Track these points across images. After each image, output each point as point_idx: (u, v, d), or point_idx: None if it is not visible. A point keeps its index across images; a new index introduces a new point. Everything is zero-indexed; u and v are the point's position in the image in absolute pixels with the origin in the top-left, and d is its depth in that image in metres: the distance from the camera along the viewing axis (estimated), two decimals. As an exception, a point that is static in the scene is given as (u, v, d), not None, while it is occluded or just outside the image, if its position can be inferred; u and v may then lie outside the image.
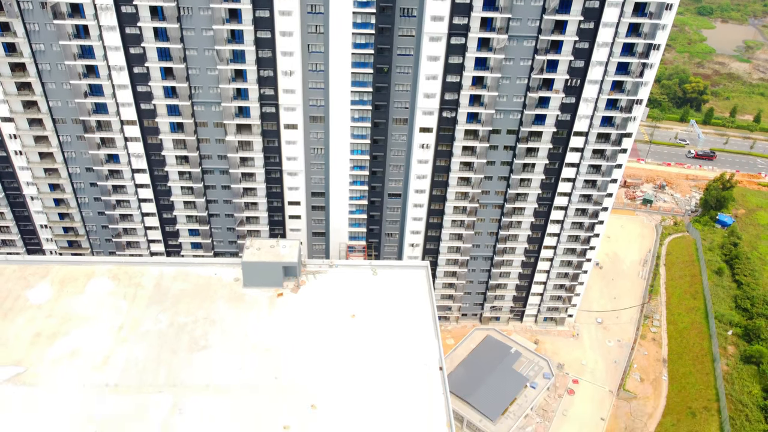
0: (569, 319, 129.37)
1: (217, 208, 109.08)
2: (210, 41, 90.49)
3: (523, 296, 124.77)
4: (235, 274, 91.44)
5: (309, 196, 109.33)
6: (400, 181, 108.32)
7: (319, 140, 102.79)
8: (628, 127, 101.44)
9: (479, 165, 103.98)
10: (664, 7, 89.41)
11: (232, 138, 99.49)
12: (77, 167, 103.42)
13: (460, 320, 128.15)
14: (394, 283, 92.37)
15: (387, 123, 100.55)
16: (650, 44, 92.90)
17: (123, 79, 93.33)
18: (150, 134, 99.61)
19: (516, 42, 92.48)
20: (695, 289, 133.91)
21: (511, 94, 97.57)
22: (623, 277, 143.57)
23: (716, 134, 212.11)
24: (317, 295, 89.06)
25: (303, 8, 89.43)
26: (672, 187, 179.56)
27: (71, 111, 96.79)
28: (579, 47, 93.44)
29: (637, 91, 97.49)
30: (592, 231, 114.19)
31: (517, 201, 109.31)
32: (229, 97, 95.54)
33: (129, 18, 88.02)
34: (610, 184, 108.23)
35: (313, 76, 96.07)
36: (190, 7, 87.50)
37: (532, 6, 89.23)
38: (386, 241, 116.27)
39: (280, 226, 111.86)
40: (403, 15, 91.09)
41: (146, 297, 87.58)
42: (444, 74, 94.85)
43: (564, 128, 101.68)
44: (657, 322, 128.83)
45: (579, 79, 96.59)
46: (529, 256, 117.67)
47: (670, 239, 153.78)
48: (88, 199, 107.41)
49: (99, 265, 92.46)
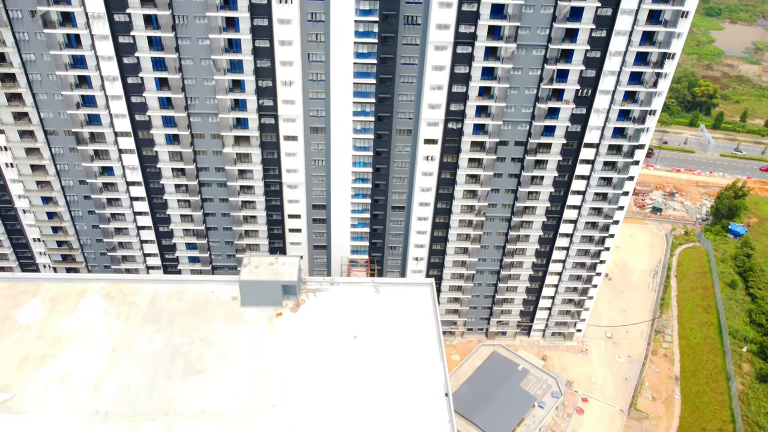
0: (578, 333, 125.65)
1: (215, 222, 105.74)
2: (206, 51, 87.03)
3: (530, 311, 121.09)
4: (233, 292, 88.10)
5: (310, 208, 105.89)
6: (404, 194, 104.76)
7: (320, 152, 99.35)
8: (640, 138, 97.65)
9: (486, 177, 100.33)
10: (680, 14, 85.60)
11: (229, 150, 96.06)
12: (70, 180, 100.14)
13: (465, 335, 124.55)
14: (398, 301, 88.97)
15: (390, 134, 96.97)
16: (665, 53, 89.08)
17: (116, 89, 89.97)
18: (145, 146, 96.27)
19: (525, 51, 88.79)
20: (708, 303, 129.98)
21: (520, 104, 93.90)
22: (633, 289, 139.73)
23: (726, 139, 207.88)
24: (317, 314, 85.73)
25: (303, 16, 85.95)
26: (682, 194, 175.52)
27: (63, 122, 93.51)
28: (590, 56, 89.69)
29: (651, 102, 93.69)
30: (602, 245, 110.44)
31: (525, 214, 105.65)
32: (227, 108, 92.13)
33: (122, 27, 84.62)
34: (621, 197, 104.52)
35: (313, 86, 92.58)
36: (186, 15, 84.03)
37: (542, 14, 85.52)
38: (389, 255, 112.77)
39: (280, 239, 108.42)
40: (407, 23, 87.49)
41: (140, 316, 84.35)
42: (449, 84, 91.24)
43: (574, 140, 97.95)
44: (668, 337, 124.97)
45: (590, 89, 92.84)
46: (537, 270, 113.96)
47: (681, 249, 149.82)
48: (81, 212, 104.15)
49: (92, 283, 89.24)
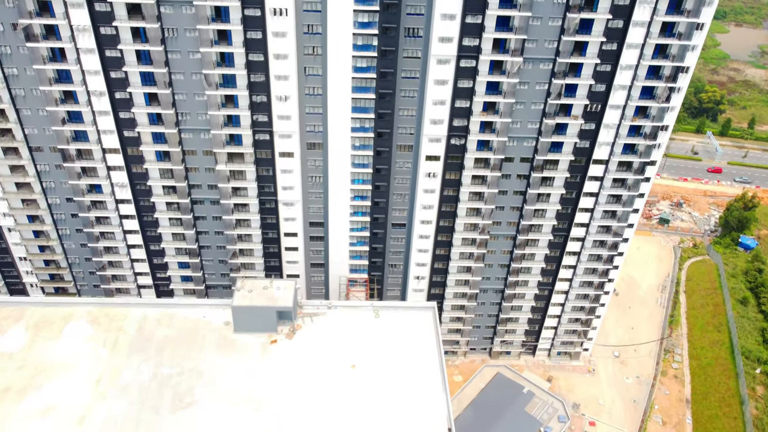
0: (584, 353, 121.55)
1: (208, 240, 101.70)
2: (197, 65, 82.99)
3: (535, 330, 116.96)
4: (226, 317, 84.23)
5: (307, 226, 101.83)
6: (405, 211, 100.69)
7: (317, 168, 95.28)
8: (652, 155, 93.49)
9: (490, 195, 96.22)
10: (695, 27, 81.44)
11: (222, 167, 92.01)
12: (57, 198, 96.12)
13: (468, 354, 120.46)
14: (398, 326, 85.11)
15: (390, 151, 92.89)
16: (678, 67, 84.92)
17: (104, 105, 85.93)
18: (134, 163, 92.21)
19: (531, 65, 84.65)
20: (719, 321, 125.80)
21: (526, 120, 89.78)
22: (641, 305, 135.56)
23: (734, 146, 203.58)
24: (314, 341, 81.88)
25: (299, 29, 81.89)
26: (690, 204, 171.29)
27: (48, 138, 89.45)
28: (600, 70, 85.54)
29: (663, 117, 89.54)
30: (611, 263, 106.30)
31: (531, 232, 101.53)
32: (219, 124, 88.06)
33: (109, 40, 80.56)
34: (631, 215, 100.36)
35: (310, 101, 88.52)
36: (175, 28, 79.97)
37: (550, 26, 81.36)
38: (390, 273, 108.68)
39: (276, 258, 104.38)
40: (408, 35, 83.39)
41: (127, 344, 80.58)
42: (452, 99, 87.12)
43: (582, 156, 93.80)
44: (678, 357, 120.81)
45: (600, 104, 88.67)
46: (542, 289, 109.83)
47: (690, 263, 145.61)
48: (69, 230, 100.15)
49: (78, 307, 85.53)
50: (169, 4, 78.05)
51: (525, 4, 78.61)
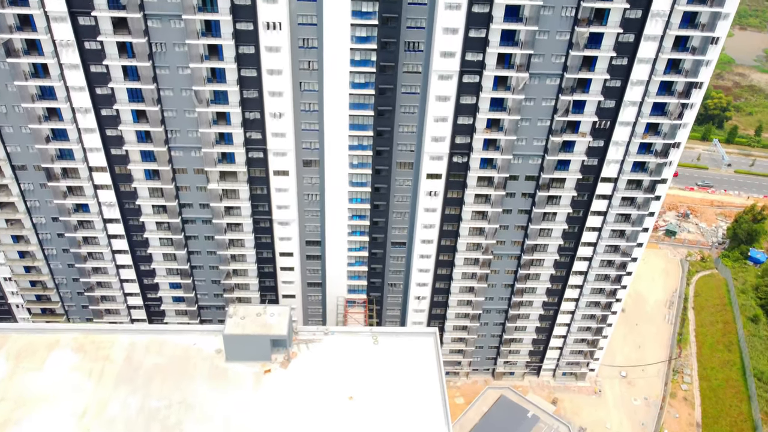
0: (590, 373, 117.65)
1: (201, 260, 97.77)
2: (187, 80, 79.05)
3: (540, 350, 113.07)
4: (218, 344, 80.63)
5: (303, 245, 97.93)
6: (405, 229, 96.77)
7: (313, 186, 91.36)
8: (663, 173, 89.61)
9: (494, 214, 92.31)
10: (710, 41, 77.53)
11: (214, 186, 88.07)
12: (42, 217, 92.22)
13: (470, 375, 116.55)
14: (398, 353, 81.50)
15: (390, 169, 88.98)
16: (692, 83, 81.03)
17: (89, 122, 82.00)
18: (122, 182, 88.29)
19: (538, 80, 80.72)
20: (729, 339, 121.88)
21: (531, 137, 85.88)
22: (648, 321, 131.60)
23: (741, 154, 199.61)
24: (310, 370, 78.22)
25: (293, 43, 77.97)
26: (697, 215, 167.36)
27: (32, 157, 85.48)
28: (610, 85, 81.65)
29: (675, 134, 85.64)
30: (618, 283, 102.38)
31: (536, 252, 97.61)
32: (211, 142, 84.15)
33: (93, 55, 76.62)
34: (641, 234, 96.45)
35: (306, 117, 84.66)
36: (163, 42, 76.04)
37: (557, 40, 77.42)
38: (389, 292, 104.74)
39: (271, 278, 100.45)
40: (409, 50, 79.47)
41: (114, 374, 76.93)
42: (455, 116, 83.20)
43: (590, 174, 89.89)
44: (688, 378, 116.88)
45: (609, 121, 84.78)
46: (548, 309, 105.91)
47: (698, 277, 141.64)
48: (56, 250, 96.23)
49: (63, 333, 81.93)
50: (156, 18, 74.12)
51: (531, 17, 74.70)
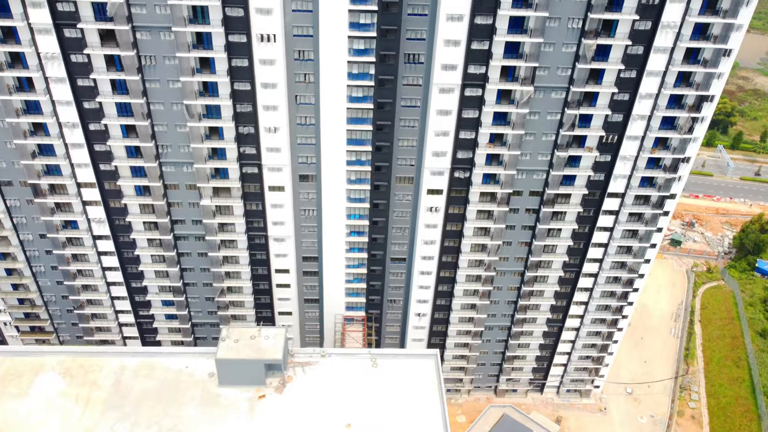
0: (595, 390, 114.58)
1: (194, 277, 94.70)
2: (178, 94, 76.00)
3: (543, 367, 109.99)
4: (210, 366, 77.34)
5: (300, 261, 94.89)
6: (405, 245, 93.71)
7: (310, 201, 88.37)
8: (672, 188, 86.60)
9: (497, 230, 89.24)
10: (722, 53, 74.48)
11: (207, 202, 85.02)
12: (29, 234, 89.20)
13: (472, 392, 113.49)
14: (397, 377, 78.29)
15: (389, 185, 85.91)
16: (703, 96, 77.97)
17: (77, 137, 78.96)
18: (112, 198, 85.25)
19: (543, 94, 77.67)
20: (737, 355, 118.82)
21: (536, 152, 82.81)
22: (653, 335, 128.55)
23: (746, 160, 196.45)
24: (306, 395, 75.03)
25: (289, 55, 74.93)
26: (702, 224, 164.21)
27: (18, 173, 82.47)
28: (617, 99, 78.59)
29: (685, 149, 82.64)
30: (625, 300, 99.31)
31: (540, 268, 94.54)
32: (203, 158, 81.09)
33: (80, 68, 73.56)
34: (648, 250, 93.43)
35: (302, 131, 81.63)
36: (153, 56, 72.97)
37: (563, 53, 74.34)
38: (389, 308, 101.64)
39: (267, 294, 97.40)
40: (408, 62, 76.40)
41: (102, 401, 73.72)
42: (456, 130, 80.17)
43: (596, 189, 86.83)
44: (695, 395, 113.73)
45: (616, 135, 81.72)
46: (552, 325, 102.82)
47: (704, 289, 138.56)
48: (44, 267, 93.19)
49: (49, 357, 78.71)
50: (145, 30, 71.06)
51: (537, 29, 71.62)
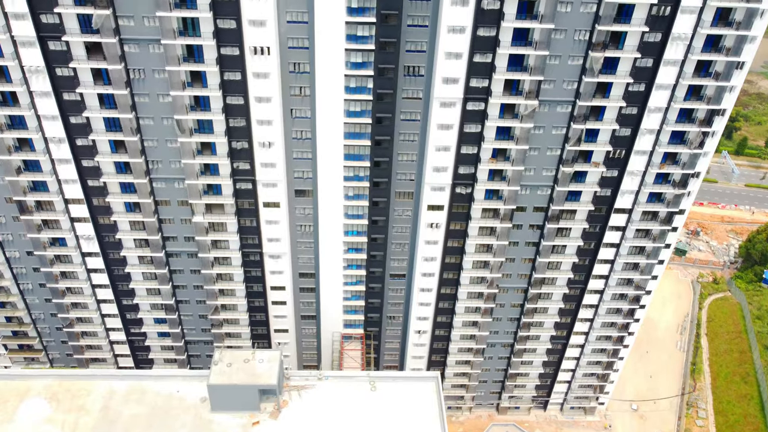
0: (600, 407, 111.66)
1: (187, 294, 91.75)
2: (168, 109, 72.97)
3: (547, 384, 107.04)
4: (202, 391, 74.69)
5: (296, 277, 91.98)
6: (405, 261, 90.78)
7: (306, 216, 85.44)
8: (681, 203, 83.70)
9: (500, 247, 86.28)
10: (735, 66, 71.47)
11: (200, 219, 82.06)
12: (16, 251, 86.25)
13: (473, 410, 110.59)
14: (397, 401, 75.66)
15: (388, 201, 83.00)
16: (714, 110, 75.00)
17: (64, 152, 75.95)
18: (101, 214, 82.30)
19: (548, 107, 74.67)
20: (745, 370, 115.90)
21: (540, 167, 79.85)
22: (659, 348, 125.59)
23: (751, 166, 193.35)
24: (302, 421, 72.48)
25: (284, 67, 71.99)
26: (707, 232, 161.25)
27: (3, 189, 79.49)
28: (625, 113, 75.61)
29: (695, 164, 79.64)
30: (631, 317, 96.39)
31: (544, 285, 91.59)
32: (195, 173, 78.08)
33: (66, 82, 70.53)
34: (656, 266, 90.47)
35: (298, 145, 78.70)
36: (142, 69, 69.96)
37: (569, 65, 71.33)
38: (388, 324, 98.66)
39: (263, 312, 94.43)
40: (408, 74, 73.40)
41: (90, 427, 71.36)
42: (458, 145, 77.15)
43: (603, 204, 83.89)
44: (703, 412, 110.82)
45: (624, 150, 78.75)
46: (556, 343, 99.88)
47: (711, 301, 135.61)
48: (32, 285, 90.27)
49: (36, 380, 75.95)
50: (133, 43, 68.04)
51: (542, 42, 68.59)
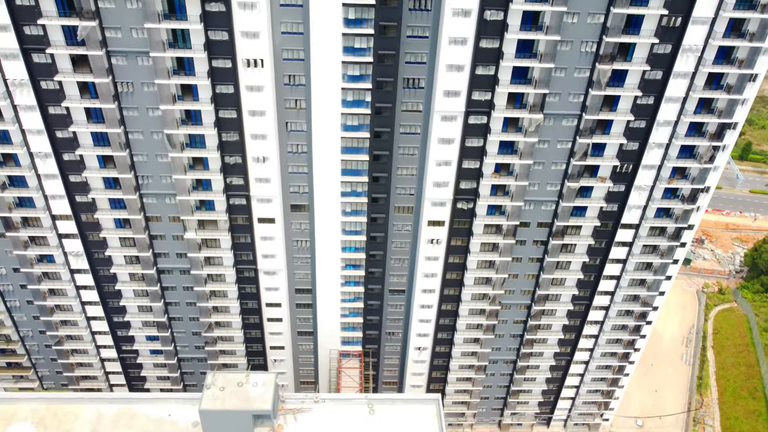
0: (605, 423, 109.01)
1: (179, 312, 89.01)
2: (158, 123, 70.19)
3: (550, 401, 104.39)
4: (194, 414, 71.58)
5: (292, 293, 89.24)
6: (404, 277, 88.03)
7: (302, 232, 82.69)
8: (690, 219, 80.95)
9: (502, 263, 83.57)
10: (747, 78, 68.71)
11: (192, 235, 79.26)
12: (2, 267, 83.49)
13: (475, 426, 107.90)
14: (396, 424, 72.62)
15: (387, 216, 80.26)
16: (725, 124, 72.26)
17: (50, 167, 73.15)
18: (90, 230, 79.50)
19: (553, 121, 71.91)
20: (753, 385, 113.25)
21: (545, 182, 77.10)
22: (664, 361, 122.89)
23: (755, 172, 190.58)
24: (297, 448, 69.44)
25: (278, 80, 69.21)
26: (712, 240, 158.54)
27: (-12, 205, 76.98)
28: (633, 127, 72.87)
29: (705, 179, 76.88)
30: (637, 333, 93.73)
31: (548, 302, 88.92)
32: (186, 189, 75.27)
33: (51, 95, 67.72)
34: (664, 282, 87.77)
35: (293, 159, 75.93)
36: (130, 82, 67.14)
37: (575, 78, 68.56)
38: (387, 341, 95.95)
39: (258, 329, 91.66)
40: (408, 87, 70.64)
41: (76, 455, 68.11)
42: (459, 159, 74.40)
43: (609, 220, 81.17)
44: (710, 429, 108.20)
45: (631, 165, 76.00)
46: (560, 359, 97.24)
47: (716, 311, 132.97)
48: (20, 302, 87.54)
49: (22, 404, 72.91)
50: (121, 55, 65.25)
51: (547, 54, 65.75)
